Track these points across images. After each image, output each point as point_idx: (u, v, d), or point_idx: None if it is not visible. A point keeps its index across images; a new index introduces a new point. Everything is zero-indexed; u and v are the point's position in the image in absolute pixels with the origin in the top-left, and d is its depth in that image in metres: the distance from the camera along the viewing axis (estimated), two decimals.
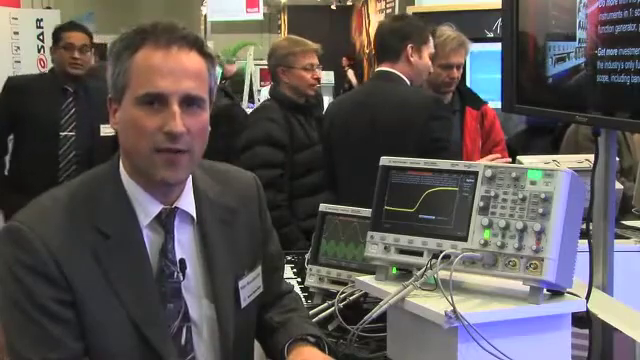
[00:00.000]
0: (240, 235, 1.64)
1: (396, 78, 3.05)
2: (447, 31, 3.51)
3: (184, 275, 1.53)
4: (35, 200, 1.51)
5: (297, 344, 1.63)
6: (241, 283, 1.62)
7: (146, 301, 1.48)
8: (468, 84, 4.34)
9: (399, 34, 3.08)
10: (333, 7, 15.45)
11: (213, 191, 1.62)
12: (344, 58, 14.56)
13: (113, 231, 1.47)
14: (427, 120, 2.90)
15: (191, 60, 1.47)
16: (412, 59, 3.07)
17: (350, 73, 14.72)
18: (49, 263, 1.41)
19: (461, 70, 3.57)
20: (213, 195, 1.61)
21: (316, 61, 3.63)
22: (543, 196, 1.46)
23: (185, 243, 1.56)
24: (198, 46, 1.48)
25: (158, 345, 1.47)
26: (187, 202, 1.56)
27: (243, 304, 1.62)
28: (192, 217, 1.57)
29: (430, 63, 3.16)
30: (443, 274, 1.46)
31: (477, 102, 3.67)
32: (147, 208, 1.51)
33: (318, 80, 3.65)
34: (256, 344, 1.77)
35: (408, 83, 3.07)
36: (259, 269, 1.69)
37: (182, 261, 1.53)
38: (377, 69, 3.14)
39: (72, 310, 1.43)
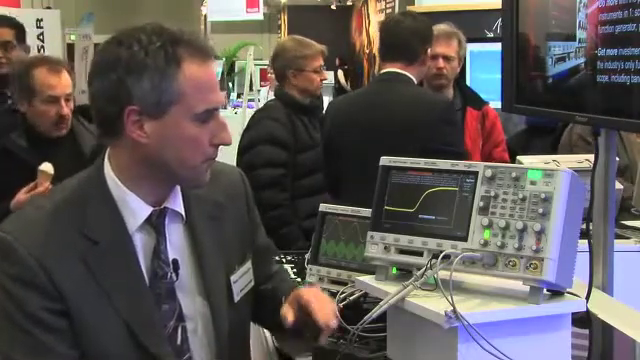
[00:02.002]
0: (229, 230, 1.65)
1: (406, 80, 3.01)
2: (439, 25, 3.48)
3: (177, 275, 1.53)
4: (20, 210, 1.52)
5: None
6: (233, 278, 1.63)
7: (139, 305, 1.48)
8: (468, 84, 4.33)
9: (420, 36, 3.04)
10: (333, 7, 15.46)
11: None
12: (337, 59, 14.58)
13: (101, 236, 1.46)
14: (438, 123, 2.89)
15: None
16: (426, 62, 3.07)
17: (340, 73, 14.73)
18: (37, 272, 1.40)
19: (453, 64, 3.53)
20: (200, 192, 1.61)
21: (322, 62, 3.66)
22: (543, 196, 1.46)
23: (176, 242, 1.56)
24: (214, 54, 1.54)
25: (153, 348, 1.47)
26: (176, 201, 1.57)
27: (236, 298, 1.63)
28: (182, 216, 1.57)
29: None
30: (443, 274, 1.46)
31: (478, 102, 3.66)
32: (137, 211, 1.51)
33: (323, 81, 3.69)
34: (253, 345, 1.77)
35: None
36: (249, 263, 1.70)
37: (175, 261, 1.53)
38: (386, 70, 3.06)
39: (64, 318, 1.42)
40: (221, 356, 1.59)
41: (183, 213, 1.57)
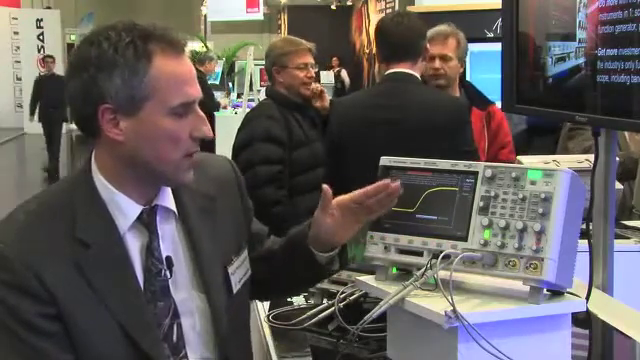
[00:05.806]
0: (223, 221, 1.65)
1: (415, 80, 3.01)
2: (439, 25, 3.48)
3: (171, 272, 1.53)
4: (8, 216, 1.50)
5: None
6: (230, 270, 1.63)
7: (133, 306, 1.47)
8: None
9: (421, 33, 3.06)
10: (333, 7, 15.50)
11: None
12: (334, 58, 14.60)
13: (93, 239, 1.46)
14: (459, 125, 2.93)
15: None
16: (427, 58, 3.10)
17: (343, 73, 14.75)
18: (30, 279, 1.40)
19: (451, 64, 3.49)
20: (191, 186, 1.59)
21: (310, 60, 3.66)
22: (543, 196, 1.46)
23: (170, 239, 1.56)
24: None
25: (149, 349, 1.47)
26: (166, 198, 1.56)
27: (235, 290, 1.63)
28: (173, 212, 1.57)
29: None
30: (443, 274, 1.46)
31: (484, 102, 3.63)
32: (127, 211, 1.50)
33: (311, 79, 3.67)
34: (254, 347, 1.77)
35: None
36: (245, 252, 1.70)
37: (168, 258, 1.53)
38: (393, 70, 3.04)
39: (59, 323, 1.42)
40: (222, 350, 1.58)
41: (175, 209, 1.57)
